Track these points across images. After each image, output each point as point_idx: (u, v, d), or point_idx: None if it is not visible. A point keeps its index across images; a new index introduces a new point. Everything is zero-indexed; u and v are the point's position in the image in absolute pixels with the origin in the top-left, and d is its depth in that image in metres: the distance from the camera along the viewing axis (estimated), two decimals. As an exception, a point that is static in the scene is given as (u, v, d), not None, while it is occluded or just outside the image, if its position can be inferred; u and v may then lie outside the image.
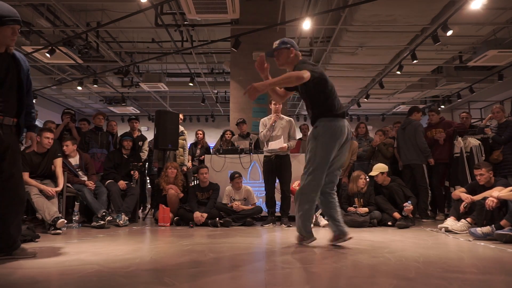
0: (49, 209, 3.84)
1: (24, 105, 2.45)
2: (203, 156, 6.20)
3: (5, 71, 2.27)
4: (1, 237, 2.42)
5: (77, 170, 4.77)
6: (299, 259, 2.43)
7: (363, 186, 4.87)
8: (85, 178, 4.76)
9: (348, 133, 2.87)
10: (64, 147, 4.71)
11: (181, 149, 6.16)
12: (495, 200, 3.57)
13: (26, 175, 3.96)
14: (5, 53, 2.33)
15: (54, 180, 4.33)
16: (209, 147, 7.03)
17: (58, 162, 4.37)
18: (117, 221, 4.49)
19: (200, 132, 6.83)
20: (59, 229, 3.75)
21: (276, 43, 2.97)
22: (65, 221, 3.88)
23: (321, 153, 2.75)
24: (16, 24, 2.27)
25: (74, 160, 4.81)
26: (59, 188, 4.21)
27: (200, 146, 6.77)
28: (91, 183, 4.67)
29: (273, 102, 4.86)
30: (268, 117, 5.00)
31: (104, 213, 4.35)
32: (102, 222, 4.26)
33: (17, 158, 2.45)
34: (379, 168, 4.91)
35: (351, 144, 5.73)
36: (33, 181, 4.04)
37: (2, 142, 2.34)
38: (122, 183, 5.03)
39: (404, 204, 4.54)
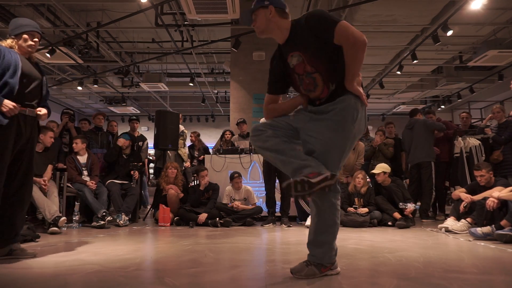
0: (50, 207, 3.85)
1: (44, 102, 2.70)
2: (202, 156, 6.24)
3: (28, 72, 2.53)
4: (6, 226, 2.46)
5: (83, 168, 4.83)
6: (299, 259, 2.43)
7: (360, 185, 4.87)
8: (87, 178, 4.79)
9: None
10: (74, 145, 4.83)
11: (183, 149, 6.21)
12: (495, 201, 3.57)
13: None
14: (29, 58, 2.61)
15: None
16: (207, 147, 7.05)
17: (49, 168, 4.39)
18: (117, 221, 4.49)
19: (192, 135, 6.78)
20: (58, 227, 3.75)
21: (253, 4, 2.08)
22: (65, 219, 3.89)
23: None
24: (30, 30, 2.55)
25: (83, 159, 4.88)
26: (46, 177, 4.23)
27: (197, 148, 6.77)
28: (92, 183, 4.68)
29: None
30: (267, 117, 4.99)
31: (104, 213, 4.36)
32: (102, 222, 4.26)
33: (33, 154, 2.63)
34: (382, 167, 4.91)
35: (357, 145, 5.70)
36: None
37: (24, 134, 2.51)
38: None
39: (401, 206, 4.55)
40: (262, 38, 2.24)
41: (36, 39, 2.60)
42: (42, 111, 2.63)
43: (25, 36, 2.54)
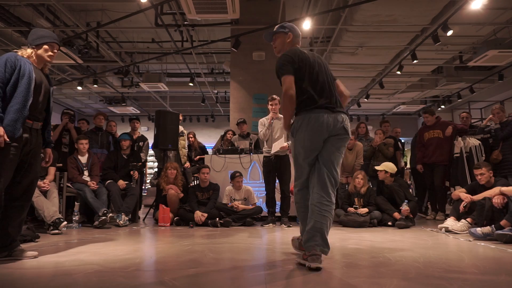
0: (49, 209, 3.84)
1: (50, 115, 2.75)
2: (197, 157, 6.24)
3: (40, 82, 2.57)
4: (1, 233, 2.44)
5: (84, 168, 4.85)
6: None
7: (360, 185, 4.87)
8: (88, 178, 4.81)
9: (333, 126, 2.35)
10: (81, 146, 4.90)
11: (184, 150, 6.21)
12: (501, 196, 3.53)
13: None
14: (41, 69, 2.67)
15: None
16: (204, 146, 7.05)
17: (52, 170, 4.40)
18: (117, 221, 4.49)
19: (191, 135, 6.77)
20: (59, 230, 3.75)
21: (276, 27, 2.62)
22: (66, 223, 3.88)
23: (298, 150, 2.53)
24: (50, 42, 2.62)
25: (84, 159, 4.92)
26: (48, 179, 4.25)
27: (194, 148, 6.76)
28: (93, 183, 4.69)
29: (269, 102, 4.85)
30: (266, 117, 5.00)
31: (105, 211, 4.38)
32: (103, 217, 4.28)
33: (37, 161, 2.64)
34: (385, 166, 4.90)
35: (355, 146, 5.70)
36: None
37: (30, 145, 2.55)
38: (121, 183, 5.04)
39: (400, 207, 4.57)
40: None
41: (56, 50, 2.67)
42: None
43: (46, 46, 2.61)
